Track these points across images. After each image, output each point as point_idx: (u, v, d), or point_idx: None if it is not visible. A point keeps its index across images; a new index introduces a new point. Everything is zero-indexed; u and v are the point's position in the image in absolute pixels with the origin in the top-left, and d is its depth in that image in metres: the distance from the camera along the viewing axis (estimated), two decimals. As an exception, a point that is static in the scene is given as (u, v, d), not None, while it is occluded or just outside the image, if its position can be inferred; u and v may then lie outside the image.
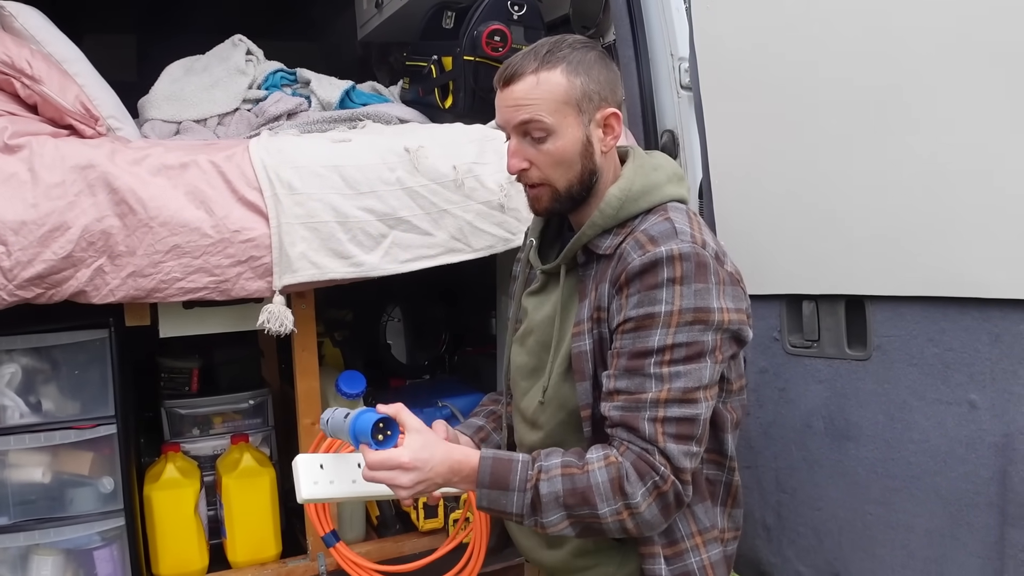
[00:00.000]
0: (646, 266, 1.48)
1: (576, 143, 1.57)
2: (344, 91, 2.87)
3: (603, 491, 1.46)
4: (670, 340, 1.46)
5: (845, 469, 2.01)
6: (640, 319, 1.48)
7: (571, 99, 1.56)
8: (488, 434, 1.86)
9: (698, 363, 1.48)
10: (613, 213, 1.58)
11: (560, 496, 1.47)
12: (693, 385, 1.47)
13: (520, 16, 2.69)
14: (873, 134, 1.85)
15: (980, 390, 1.75)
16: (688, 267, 1.47)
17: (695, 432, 1.48)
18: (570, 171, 1.58)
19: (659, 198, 1.60)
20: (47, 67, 2.18)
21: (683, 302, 1.46)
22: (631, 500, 1.45)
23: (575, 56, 1.57)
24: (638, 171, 1.62)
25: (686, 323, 1.47)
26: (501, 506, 1.50)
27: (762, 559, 2.22)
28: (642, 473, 1.46)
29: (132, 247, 2.00)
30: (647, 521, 1.47)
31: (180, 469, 2.38)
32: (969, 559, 1.80)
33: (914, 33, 1.75)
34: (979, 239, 1.71)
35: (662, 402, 1.46)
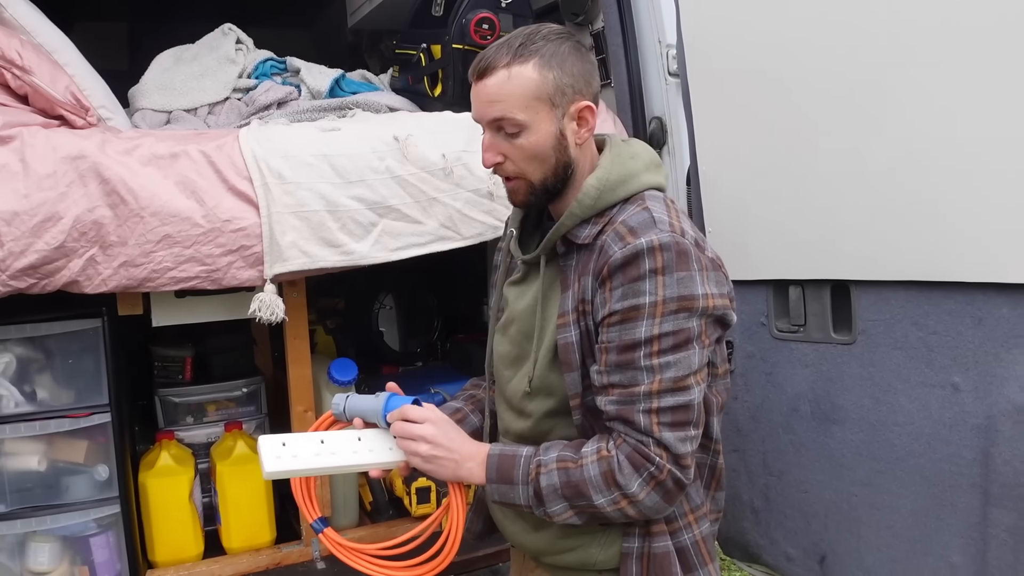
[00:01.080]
0: (627, 258, 1.48)
1: (549, 137, 1.56)
2: (334, 80, 2.88)
3: (596, 484, 1.49)
4: (656, 330, 1.47)
5: (831, 452, 2.04)
6: (625, 311, 1.48)
7: (543, 94, 1.54)
8: (465, 415, 1.87)
9: (686, 350, 1.49)
10: (591, 203, 1.57)
11: (558, 488, 1.52)
12: (684, 373, 1.49)
13: (508, 3, 2.69)
14: (858, 121, 1.87)
15: (963, 373, 1.77)
16: (669, 256, 1.47)
17: (690, 417, 1.50)
18: (544, 165, 1.58)
19: (637, 186, 1.61)
20: (37, 57, 2.19)
21: (666, 291, 1.47)
22: (627, 491, 1.48)
23: (548, 49, 1.55)
24: (615, 160, 1.61)
25: (671, 312, 1.47)
26: (511, 499, 1.57)
27: (750, 541, 2.25)
28: (637, 465, 1.48)
29: (124, 237, 2.01)
30: (649, 508, 1.51)
31: (174, 457, 2.40)
32: (953, 539, 1.83)
33: (898, 20, 1.76)
34: (962, 224, 1.72)
35: (655, 394, 1.48)
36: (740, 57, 2.10)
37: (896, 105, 1.79)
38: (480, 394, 1.92)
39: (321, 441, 1.67)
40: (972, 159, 1.69)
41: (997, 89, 1.63)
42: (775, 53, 2.01)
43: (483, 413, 1.87)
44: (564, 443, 1.58)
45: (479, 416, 1.88)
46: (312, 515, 1.72)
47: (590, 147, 1.65)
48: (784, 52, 1.99)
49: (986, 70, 1.64)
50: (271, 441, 1.64)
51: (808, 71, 1.95)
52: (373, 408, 1.67)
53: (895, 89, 1.79)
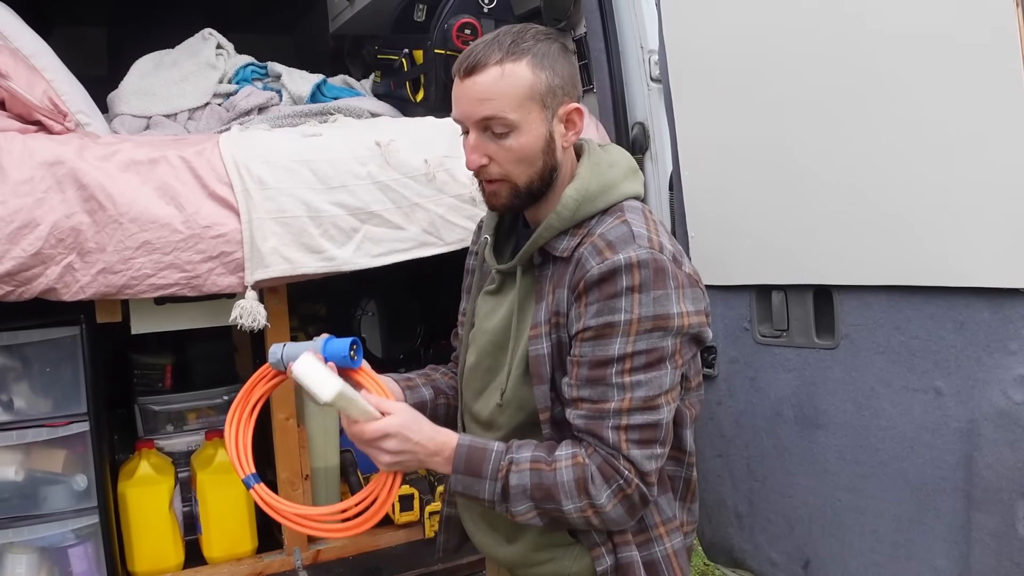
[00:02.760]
0: (604, 275, 1.46)
1: (539, 139, 1.53)
2: (315, 85, 2.87)
3: (568, 489, 1.48)
4: (630, 348, 1.46)
5: (815, 456, 2.04)
6: (599, 328, 1.47)
7: (536, 94, 1.51)
8: (417, 385, 1.81)
9: (658, 370, 1.48)
10: (569, 215, 1.55)
11: (528, 489, 1.49)
12: (654, 393, 1.48)
13: (490, 9, 2.69)
14: (841, 126, 1.87)
15: (945, 377, 1.78)
16: (646, 274, 1.46)
17: (658, 436, 1.50)
18: (531, 168, 1.55)
19: (616, 197, 1.59)
20: (14, 62, 2.17)
21: (642, 310, 1.45)
22: (595, 501, 1.48)
23: (540, 48, 1.53)
24: (594, 169, 1.59)
25: (645, 331, 1.46)
26: (474, 492, 1.53)
27: (734, 546, 2.25)
28: (607, 476, 1.48)
29: (102, 244, 1.99)
30: (613, 520, 1.51)
31: (154, 466, 2.37)
32: (936, 543, 1.83)
33: (879, 28, 1.77)
34: (943, 230, 1.73)
35: (624, 411, 1.47)
36: (721, 63, 2.10)
37: (878, 111, 1.80)
38: (435, 376, 1.88)
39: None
40: (952, 165, 1.70)
41: (977, 96, 1.65)
42: (756, 59, 2.02)
43: (435, 391, 1.82)
44: (536, 443, 1.55)
45: (430, 391, 1.82)
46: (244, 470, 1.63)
47: (571, 152, 1.63)
48: (765, 59, 2.00)
49: (965, 77, 1.65)
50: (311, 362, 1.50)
51: (790, 77, 1.95)
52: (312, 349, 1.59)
53: (876, 95, 1.80)
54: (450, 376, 1.90)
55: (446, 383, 1.88)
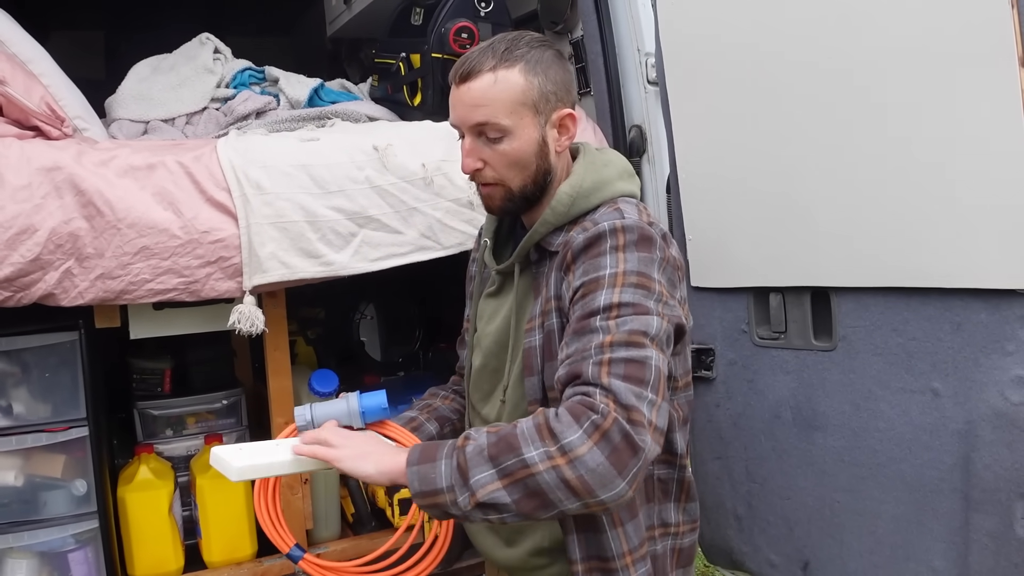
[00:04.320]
0: (589, 240, 1.48)
1: (532, 144, 1.57)
2: (313, 89, 2.86)
3: (528, 435, 1.35)
4: (616, 299, 1.42)
5: (813, 458, 2.04)
6: (586, 285, 1.46)
7: (528, 99, 1.55)
8: (421, 423, 1.82)
9: (644, 316, 1.42)
10: (564, 211, 1.57)
11: (484, 448, 1.37)
12: (640, 328, 1.40)
13: (487, 13, 2.69)
14: (837, 128, 1.88)
15: (943, 378, 1.79)
16: (631, 236, 1.47)
17: (646, 376, 1.37)
18: (525, 172, 1.58)
19: (610, 194, 1.61)
20: (11, 68, 2.17)
21: (627, 265, 1.45)
22: (564, 440, 1.31)
23: (533, 55, 1.56)
24: (588, 168, 1.62)
25: (631, 284, 1.44)
26: (431, 482, 1.39)
27: (733, 548, 2.25)
28: (577, 414, 1.33)
29: (100, 249, 1.99)
30: (592, 469, 1.30)
31: (154, 470, 2.37)
32: (935, 544, 1.83)
33: (877, 29, 1.77)
34: (940, 231, 1.74)
35: (607, 345, 1.38)
36: (718, 65, 2.11)
37: (875, 113, 1.80)
38: (436, 403, 1.91)
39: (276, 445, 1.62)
40: (949, 167, 1.71)
41: (973, 98, 1.65)
42: (753, 62, 2.02)
43: (439, 422, 1.84)
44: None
45: (435, 424, 1.84)
46: (287, 544, 1.64)
47: (566, 155, 1.65)
48: (762, 61, 2.00)
49: (962, 80, 1.66)
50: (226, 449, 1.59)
51: (787, 79, 1.96)
52: (346, 410, 1.62)
53: (874, 97, 1.80)
54: (451, 399, 1.92)
55: (449, 408, 1.89)
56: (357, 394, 1.64)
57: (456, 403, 1.92)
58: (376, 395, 1.62)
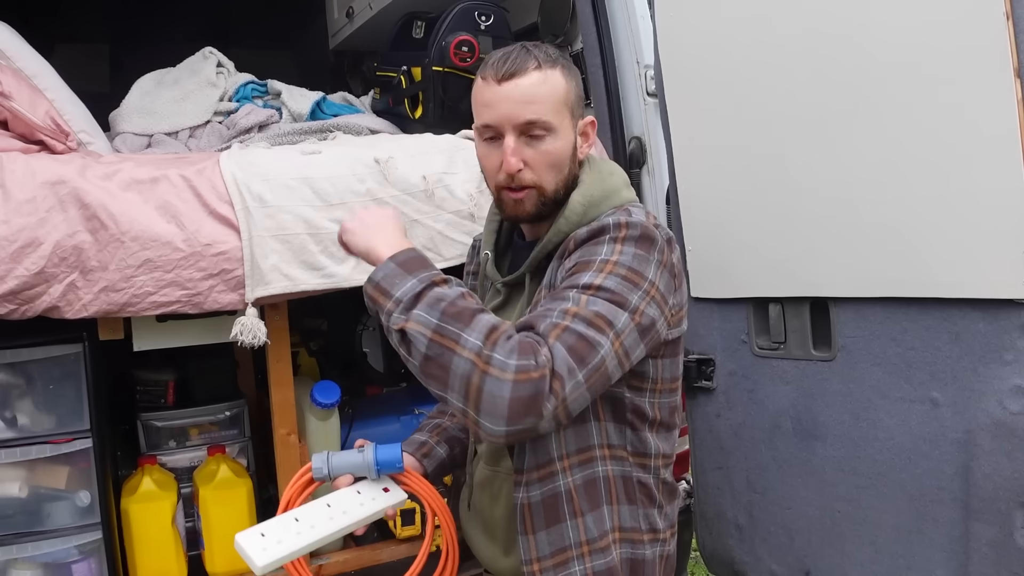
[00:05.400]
0: (593, 231, 1.50)
1: (569, 146, 1.59)
2: (315, 102, 2.88)
3: (480, 326, 1.35)
4: (598, 281, 1.42)
5: (813, 468, 2.05)
6: (577, 265, 1.47)
7: (569, 101, 1.58)
8: (431, 448, 1.85)
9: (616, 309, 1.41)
10: (577, 219, 1.58)
11: (444, 300, 1.38)
12: (606, 315, 1.39)
13: (488, 26, 2.71)
14: (835, 139, 1.89)
15: (942, 388, 1.79)
16: (632, 232, 1.48)
17: (589, 358, 1.36)
18: (560, 174, 1.59)
19: (618, 201, 1.63)
20: (16, 82, 2.19)
21: (620, 257, 1.45)
22: (495, 356, 1.32)
23: (563, 60, 1.59)
24: (596, 177, 1.64)
25: (619, 275, 1.44)
26: (390, 285, 1.42)
27: (735, 558, 2.25)
28: (523, 349, 1.34)
29: (104, 262, 2.00)
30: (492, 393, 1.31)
31: (157, 482, 2.37)
32: (935, 553, 1.84)
33: (875, 41, 1.78)
34: (938, 241, 1.75)
35: (569, 314, 1.38)
36: (717, 77, 2.12)
37: (872, 124, 1.82)
38: (445, 423, 1.91)
39: (296, 519, 1.64)
40: (947, 177, 1.72)
41: (970, 108, 1.66)
42: (752, 73, 2.03)
43: (449, 444, 1.85)
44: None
45: (445, 447, 1.85)
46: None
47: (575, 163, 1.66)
48: (760, 73, 2.01)
49: (958, 89, 1.67)
50: (249, 536, 1.59)
51: (784, 91, 1.97)
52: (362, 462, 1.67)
53: (873, 108, 1.81)
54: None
55: (457, 427, 1.90)
56: (373, 447, 1.67)
57: None
58: (391, 449, 1.66)
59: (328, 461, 1.68)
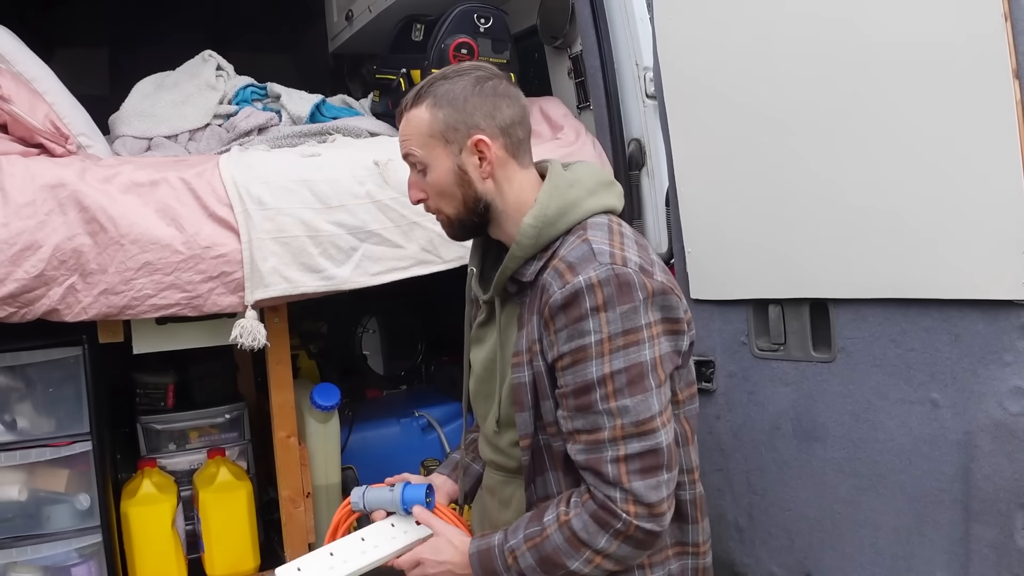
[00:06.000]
0: (567, 299, 1.46)
1: (449, 173, 1.59)
2: (314, 105, 2.88)
3: (565, 550, 1.48)
4: (607, 369, 1.45)
5: (813, 469, 2.04)
6: (573, 353, 1.47)
7: (435, 132, 1.58)
8: (467, 466, 1.88)
9: (643, 390, 1.45)
10: (530, 243, 1.55)
11: (536, 568, 1.51)
12: (646, 416, 1.45)
13: (487, 28, 2.71)
14: (834, 141, 1.89)
15: (942, 389, 1.79)
16: (609, 291, 1.45)
17: (660, 462, 1.46)
18: (453, 200, 1.61)
19: (578, 216, 1.57)
20: (16, 86, 2.19)
21: (611, 327, 1.44)
22: (596, 547, 1.46)
23: (443, 88, 1.59)
24: (553, 192, 1.58)
25: (619, 348, 1.45)
26: None
27: (736, 560, 2.25)
28: (602, 523, 1.46)
29: (104, 265, 2.00)
30: (624, 557, 1.49)
31: (157, 484, 2.38)
32: (936, 555, 1.83)
33: (873, 43, 1.78)
34: (937, 242, 1.74)
35: (620, 439, 1.45)
36: (716, 79, 2.12)
37: (872, 126, 1.81)
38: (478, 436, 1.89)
39: (331, 554, 1.71)
40: (945, 178, 1.72)
41: (968, 109, 1.66)
42: (751, 75, 2.03)
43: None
44: (529, 516, 1.56)
45: (480, 464, 1.87)
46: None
47: (513, 179, 1.62)
48: (760, 74, 2.01)
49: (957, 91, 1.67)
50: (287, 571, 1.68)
51: (783, 93, 1.97)
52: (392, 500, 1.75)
53: (871, 110, 1.81)
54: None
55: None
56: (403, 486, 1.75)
57: None
58: (417, 489, 1.74)
59: (364, 497, 1.79)
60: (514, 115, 1.60)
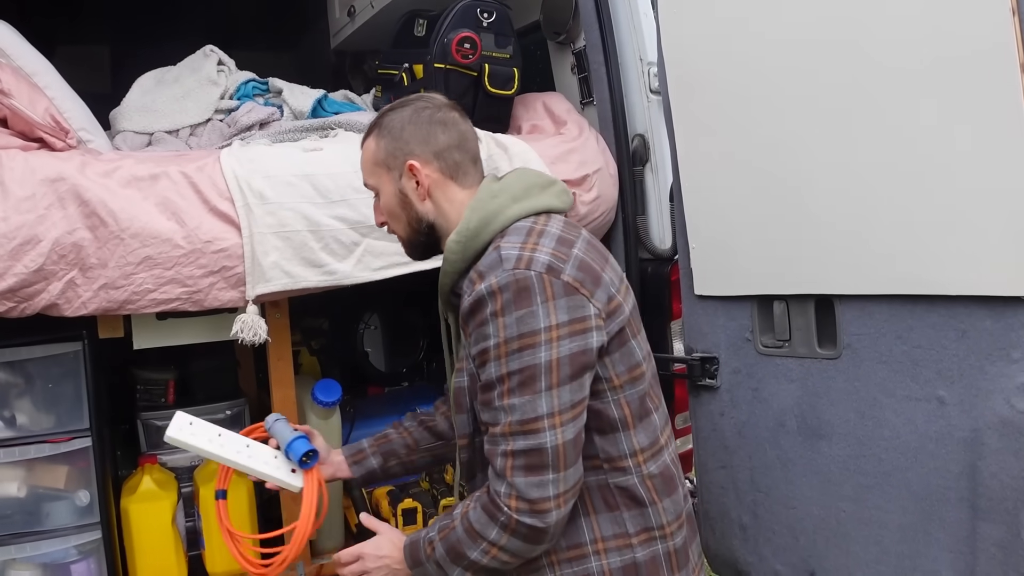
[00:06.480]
0: (472, 306, 1.57)
1: (392, 197, 1.77)
2: (316, 100, 2.87)
3: (465, 541, 1.60)
4: (504, 370, 1.54)
5: (818, 467, 2.03)
6: (479, 355, 1.58)
7: (379, 160, 1.76)
8: (365, 457, 2.04)
9: (532, 392, 1.53)
10: (457, 259, 1.67)
11: (447, 557, 1.63)
12: (530, 416, 1.53)
13: (490, 23, 2.69)
14: (840, 135, 1.88)
15: (948, 386, 1.78)
16: (507, 297, 1.53)
17: (545, 461, 1.53)
18: (400, 222, 1.78)
19: (501, 224, 1.66)
20: (16, 80, 2.17)
21: (507, 332, 1.53)
22: (489, 538, 1.57)
23: (386, 120, 1.77)
24: (475, 207, 1.68)
25: (513, 352, 1.53)
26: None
27: (739, 558, 2.24)
28: (491, 515, 1.57)
29: (103, 259, 1.99)
30: (515, 550, 1.58)
31: (157, 481, 2.36)
32: (942, 554, 1.82)
33: (881, 38, 1.77)
34: (944, 239, 1.74)
35: (508, 436, 1.54)
36: (721, 74, 2.11)
37: (879, 121, 1.80)
38: (392, 435, 2.06)
39: (219, 435, 1.93)
40: (952, 174, 1.71)
41: (976, 105, 1.65)
42: (756, 70, 2.02)
43: (384, 456, 2.04)
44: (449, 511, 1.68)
45: (379, 459, 2.03)
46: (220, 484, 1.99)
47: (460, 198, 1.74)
48: (765, 69, 2.00)
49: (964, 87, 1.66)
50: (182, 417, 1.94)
51: (789, 88, 1.96)
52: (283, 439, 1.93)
53: (877, 106, 1.80)
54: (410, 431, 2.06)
55: (401, 442, 2.05)
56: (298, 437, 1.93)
57: (414, 436, 2.05)
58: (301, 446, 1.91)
59: (273, 424, 1.97)
60: (449, 140, 1.74)
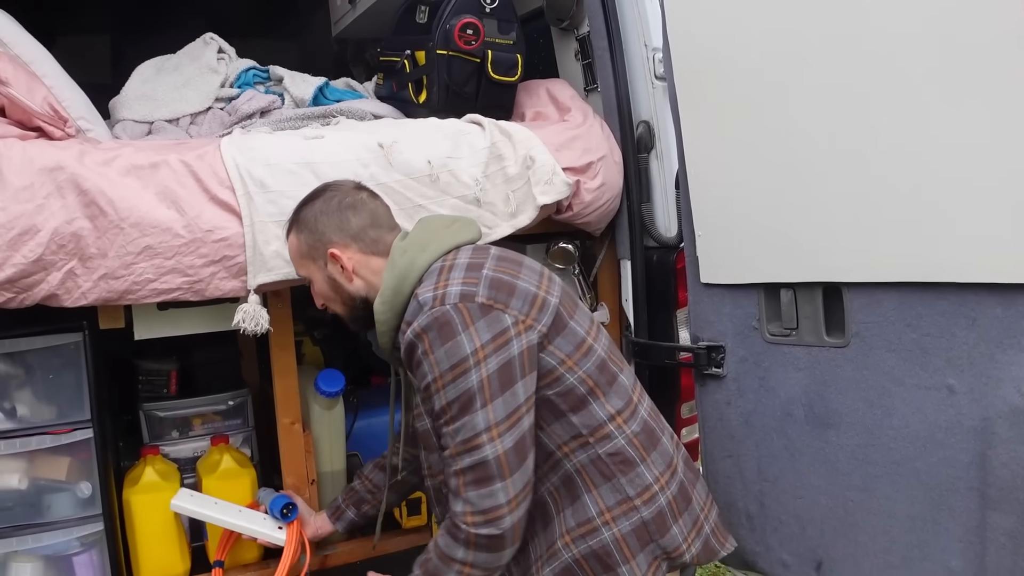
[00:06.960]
0: (407, 352, 1.73)
1: (323, 283, 1.92)
2: (317, 88, 2.84)
3: (440, 568, 1.73)
4: (444, 401, 1.69)
5: (826, 456, 2.02)
6: (424, 391, 1.74)
7: (304, 253, 1.91)
8: (342, 512, 2.28)
9: (470, 413, 1.67)
10: (387, 319, 1.81)
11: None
12: (469, 435, 1.67)
13: (492, 9, 2.66)
14: (848, 121, 1.85)
15: (958, 374, 1.76)
16: (432, 335, 1.68)
17: (490, 473, 1.66)
18: (337, 302, 1.93)
19: (416, 276, 1.79)
20: (14, 69, 2.15)
21: (439, 367, 1.68)
22: (458, 558, 1.70)
23: (301, 215, 1.91)
24: (389, 269, 1.82)
25: (449, 382, 1.67)
26: None
27: (745, 548, 2.22)
28: (453, 535, 1.70)
29: (103, 249, 1.97)
30: (484, 565, 1.70)
31: (160, 472, 2.35)
32: (951, 544, 1.81)
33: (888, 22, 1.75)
34: (954, 225, 1.71)
35: (456, 456, 1.69)
36: (726, 59, 2.08)
37: (887, 106, 1.78)
38: (357, 487, 2.28)
39: (215, 503, 2.25)
40: (963, 160, 1.69)
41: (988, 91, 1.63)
42: (762, 55, 2.00)
43: (357, 505, 2.26)
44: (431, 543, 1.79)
45: (354, 510, 2.27)
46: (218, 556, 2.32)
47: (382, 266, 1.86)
48: (771, 54, 1.98)
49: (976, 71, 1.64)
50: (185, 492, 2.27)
51: (795, 73, 1.93)
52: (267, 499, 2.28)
53: (885, 90, 1.78)
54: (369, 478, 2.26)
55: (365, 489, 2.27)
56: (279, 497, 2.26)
57: (373, 480, 2.26)
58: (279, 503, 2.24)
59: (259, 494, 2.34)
60: (362, 221, 1.88)
